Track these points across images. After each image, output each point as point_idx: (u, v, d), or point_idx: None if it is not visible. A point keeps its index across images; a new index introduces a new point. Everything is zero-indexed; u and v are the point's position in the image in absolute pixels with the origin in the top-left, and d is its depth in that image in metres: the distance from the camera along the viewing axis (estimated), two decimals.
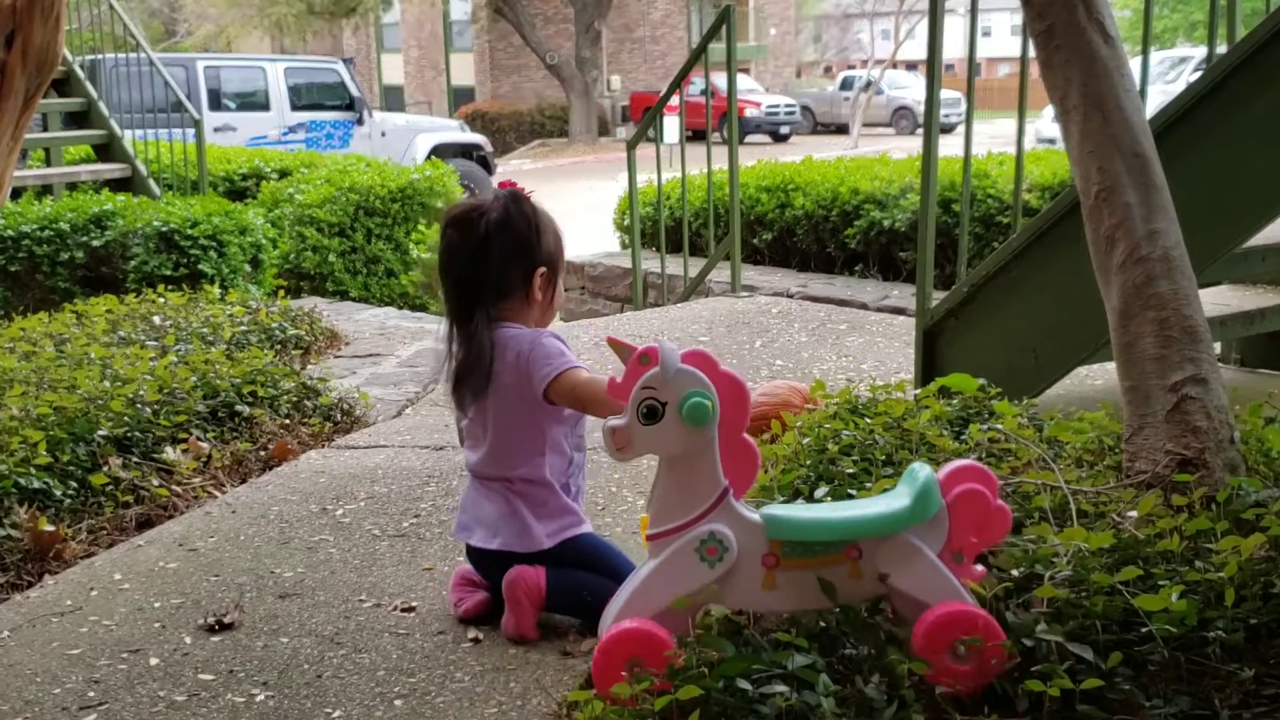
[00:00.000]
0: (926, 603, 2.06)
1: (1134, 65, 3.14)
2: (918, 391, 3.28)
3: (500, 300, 2.57)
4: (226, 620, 2.61)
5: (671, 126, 9.87)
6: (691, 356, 2.12)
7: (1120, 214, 2.69)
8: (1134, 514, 2.34)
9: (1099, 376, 4.51)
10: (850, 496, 2.51)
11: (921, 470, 2.13)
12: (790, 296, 6.98)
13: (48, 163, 9.95)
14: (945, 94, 5.72)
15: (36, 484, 3.33)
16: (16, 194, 8.59)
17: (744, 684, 1.87)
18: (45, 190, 9.22)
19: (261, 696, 2.30)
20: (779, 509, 2.19)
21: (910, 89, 35.73)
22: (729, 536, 2.12)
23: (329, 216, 9.41)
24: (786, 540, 2.12)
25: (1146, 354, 2.62)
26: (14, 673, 2.45)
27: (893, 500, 2.14)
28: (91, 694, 2.33)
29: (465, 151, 17.14)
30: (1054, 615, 2.00)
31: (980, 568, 2.19)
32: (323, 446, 4.10)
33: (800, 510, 2.21)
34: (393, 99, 37.73)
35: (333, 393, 4.57)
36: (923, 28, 4.25)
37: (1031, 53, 3.09)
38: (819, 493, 2.55)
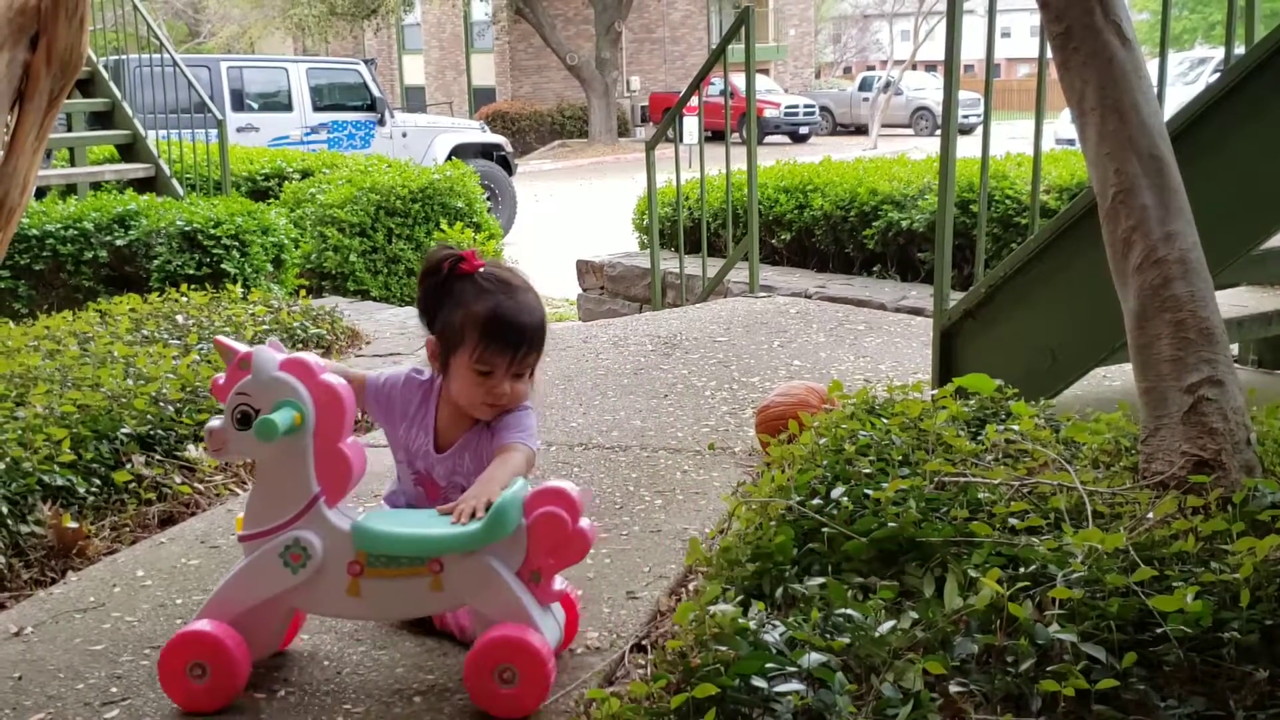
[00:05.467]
0: (494, 620, 2.18)
1: (1152, 67, 3.14)
2: (935, 392, 3.29)
3: None
4: None
5: (690, 127, 9.88)
6: (290, 364, 2.20)
7: (1137, 216, 2.69)
8: (1151, 516, 2.34)
9: (1116, 378, 4.51)
10: (866, 497, 2.52)
11: (510, 494, 2.20)
12: (808, 297, 6.98)
13: (72, 162, 10.02)
14: (964, 95, 5.67)
15: (60, 481, 3.36)
16: (41, 193, 8.65)
17: (760, 682, 1.88)
18: (69, 190, 9.28)
19: (282, 693, 2.32)
20: (370, 519, 2.26)
21: (929, 90, 35.72)
22: (314, 544, 2.21)
23: (350, 216, 9.46)
24: (371, 551, 2.21)
25: (1163, 355, 2.62)
26: (37, 668, 2.47)
27: (476, 520, 2.21)
28: (114, 690, 2.36)
29: (486, 152, 17.16)
30: (1069, 616, 2.01)
31: (560, 587, 2.29)
32: None
33: (390, 523, 2.26)
34: (414, 99, 37.85)
35: None
36: (942, 28, 4.25)
37: (1049, 54, 3.10)
38: (835, 493, 2.56)
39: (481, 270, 2.53)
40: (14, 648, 2.58)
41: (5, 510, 3.15)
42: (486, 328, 2.47)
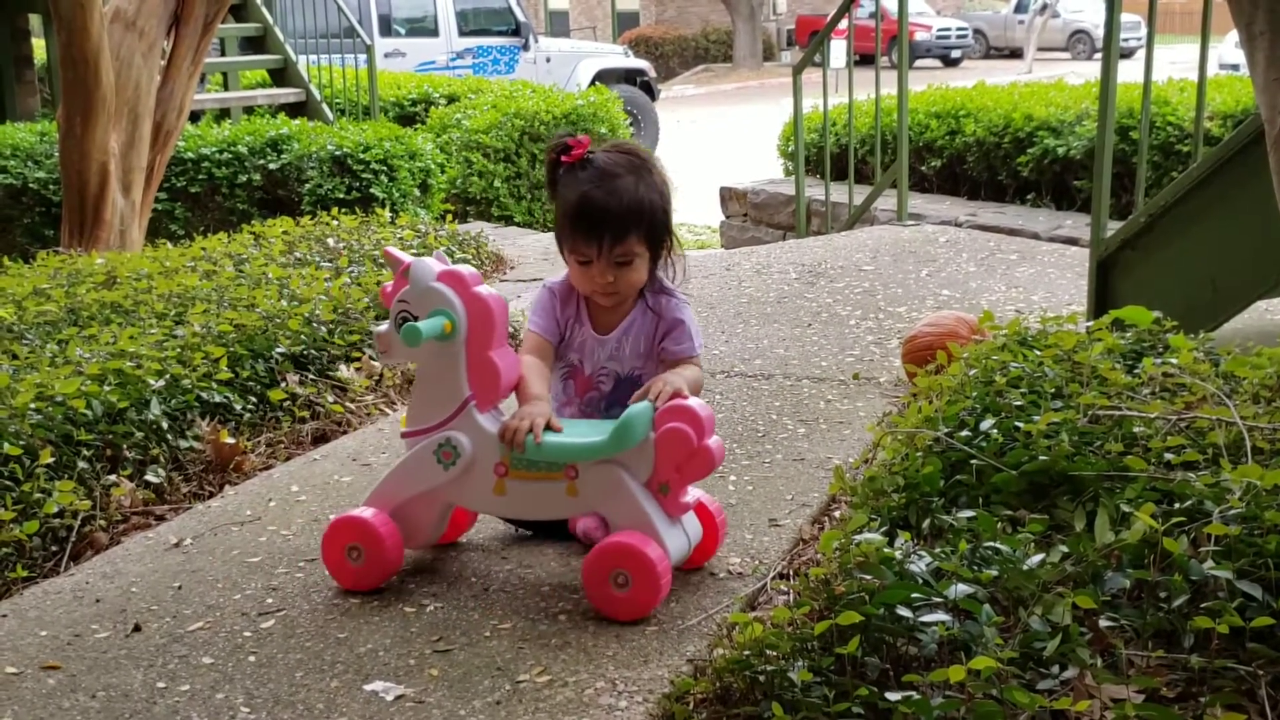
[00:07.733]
0: (621, 527, 2.28)
1: None
2: (1090, 324, 3.20)
3: None
4: None
5: (839, 51, 9.71)
6: (447, 275, 2.36)
7: None
8: None
9: (1279, 311, 4.35)
10: (1016, 430, 2.47)
11: (638, 406, 2.29)
12: (958, 225, 6.85)
13: (225, 87, 10.25)
14: (1125, 17, 5.46)
15: (218, 398, 3.46)
16: (195, 117, 8.87)
17: (905, 611, 1.86)
18: (223, 114, 9.50)
19: (431, 607, 2.37)
20: None
21: (1087, 12, 34.46)
22: (464, 444, 2.37)
23: (495, 142, 9.53)
24: (514, 454, 2.34)
25: None
26: (197, 579, 2.56)
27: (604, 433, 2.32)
28: (270, 600, 2.43)
29: (629, 77, 17.12)
30: (1224, 553, 1.95)
31: (690, 499, 2.37)
32: None
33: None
34: (558, 24, 37.81)
35: None
36: None
37: None
38: (985, 424, 2.51)
39: (589, 156, 2.53)
40: (174, 558, 2.68)
41: (166, 425, 3.26)
42: (573, 218, 2.52)
